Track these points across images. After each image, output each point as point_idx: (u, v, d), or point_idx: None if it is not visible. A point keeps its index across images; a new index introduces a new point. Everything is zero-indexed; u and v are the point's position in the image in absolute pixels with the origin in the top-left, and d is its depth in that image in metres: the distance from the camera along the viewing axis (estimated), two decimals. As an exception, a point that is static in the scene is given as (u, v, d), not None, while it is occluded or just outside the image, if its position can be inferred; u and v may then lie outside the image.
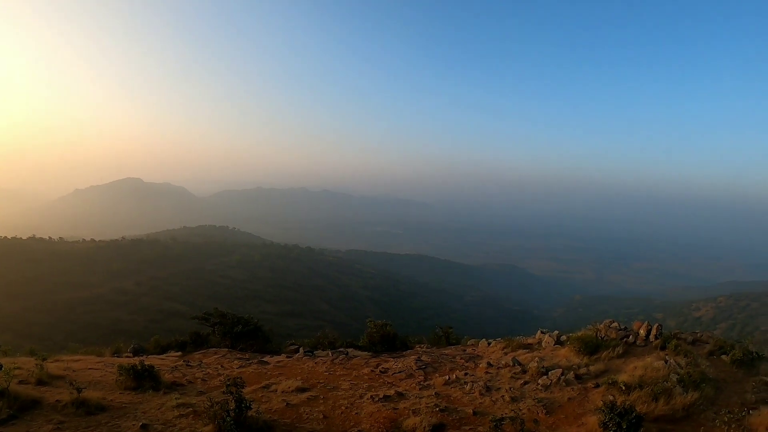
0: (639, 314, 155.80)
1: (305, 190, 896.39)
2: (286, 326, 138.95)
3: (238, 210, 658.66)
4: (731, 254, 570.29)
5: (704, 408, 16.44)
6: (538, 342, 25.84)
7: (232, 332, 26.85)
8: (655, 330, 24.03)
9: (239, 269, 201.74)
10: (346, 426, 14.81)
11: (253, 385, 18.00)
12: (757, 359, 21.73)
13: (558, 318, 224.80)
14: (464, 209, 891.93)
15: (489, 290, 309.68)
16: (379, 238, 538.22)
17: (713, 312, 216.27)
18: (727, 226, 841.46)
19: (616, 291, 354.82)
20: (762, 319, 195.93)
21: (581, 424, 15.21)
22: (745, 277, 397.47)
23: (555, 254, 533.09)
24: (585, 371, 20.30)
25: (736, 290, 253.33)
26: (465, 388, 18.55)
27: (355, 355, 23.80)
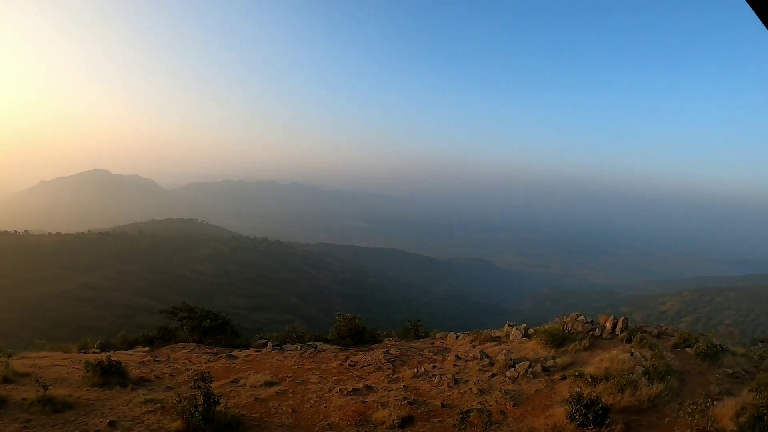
0: (606, 308, 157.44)
1: (275, 183, 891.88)
2: (255, 320, 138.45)
3: (207, 203, 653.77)
4: (697, 250, 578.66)
5: (669, 399, 16.68)
6: (506, 335, 26.01)
7: (201, 326, 26.54)
8: (621, 323, 24.29)
9: (208, 263, 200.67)
10: (314, 420, 14.77)
11: (221, 380, 17.90)
12: (721, 352, 22.09)
13: (526, 311, 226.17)
14: (433, 204, 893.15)
15: (458, 284, 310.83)
16: (349, 232, 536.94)
17: (679, 306, 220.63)
18: (693, 222, 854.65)
19: (583, 285, 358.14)
20: (726, 313, 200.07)
21: (548, 415, 15.33)
22: (710, 272, 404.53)
23: (523, 248, 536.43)
24: (552, 364, 20.48)
25: (701, 285, 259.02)
26: (433, 381, 18.63)
27: (323, 349, 23.74)
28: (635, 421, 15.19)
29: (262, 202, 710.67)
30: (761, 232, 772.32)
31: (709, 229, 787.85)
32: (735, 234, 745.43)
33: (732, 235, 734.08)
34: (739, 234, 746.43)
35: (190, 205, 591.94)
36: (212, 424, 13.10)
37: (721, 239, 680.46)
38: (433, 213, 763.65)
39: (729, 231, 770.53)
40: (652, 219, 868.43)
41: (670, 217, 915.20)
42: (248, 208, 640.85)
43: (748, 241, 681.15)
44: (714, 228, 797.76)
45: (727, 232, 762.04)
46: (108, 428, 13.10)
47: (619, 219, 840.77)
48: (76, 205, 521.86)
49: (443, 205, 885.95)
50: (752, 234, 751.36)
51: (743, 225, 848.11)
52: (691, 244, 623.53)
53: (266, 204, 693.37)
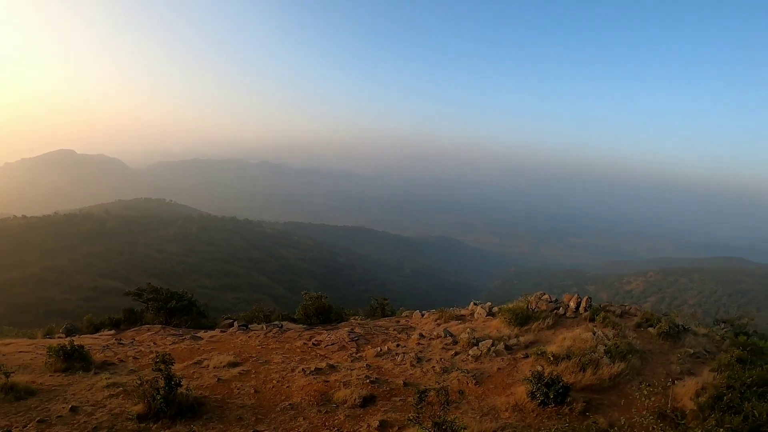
0: (572, 287, 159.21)
1: (244, 162, 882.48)
2: (224, 300, 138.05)
3: (175, 182, 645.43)
4: (663, 232, 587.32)
5: (631, 378, 16.83)
6: (471, 313, 26.08)
7: (166, 308, 26.33)
8: (585, 302, 24.42)
9: (176, 243, 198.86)
10: (277, 400, 14.72)
11: (185, 362, 17.78)
12: (683, 332, 22.32)
13: (494, 290, 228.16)
14: (403, 182, 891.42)
15: (427, 263, 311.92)
16: (318, 210, 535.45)
17: (643, 286, 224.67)
18: (659, 206, 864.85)
19: (550, 264, 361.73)
20: (690, 294, 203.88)
21: (510, 393, 15.40)
22: (675, 254, 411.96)
23: (493, 228, 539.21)
24: (515, 342, 20.56)
25: (666, 266, 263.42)
26: (396, 360, 18.65)
27: (288, 328, 23.66)
28: (596, 400, 15.30)
29: (231, 180, 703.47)
30: (726, 216, 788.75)
31: (676, 212, 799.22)
32: (701, 217, 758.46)
33: (698, 218, 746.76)
34: (705, 218, 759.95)
35: (158, 184, 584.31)
36: (174, 406, 13.01)
37: (687, 222, 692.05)
38: (405, 192, 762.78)
39: (695, 214, 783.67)
40: (620, 202, 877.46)
41: (637, 200, 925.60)
42: (217, 186, 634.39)
43: (713, 224, 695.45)
44: (680, 211, 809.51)
45: (693, 215, 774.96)
46: (70, 414, 12.94)
47: (587, 201, 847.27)
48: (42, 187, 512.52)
49: (415, 184, 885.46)
50: (718, 218, 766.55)
51: (709, 209, 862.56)
52: (657, 226, 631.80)
53: (235, 182, 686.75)
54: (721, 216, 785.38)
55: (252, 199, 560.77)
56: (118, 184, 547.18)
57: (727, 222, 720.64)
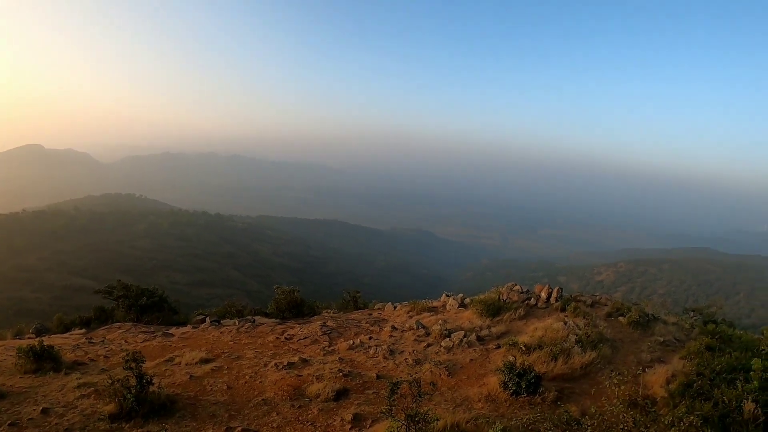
0: (544, 278, 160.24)
1: (215, 155, 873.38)
2: (197, 296, 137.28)
3: (146, 176, 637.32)
4: (633, 224, 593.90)
5: (602, 367, 17.00)
6: (443, 305, 26.17)
7: (137, 305, 25.95)
8: (556, 293, 24.62)
9: (147, 239, 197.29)
10: (250, 395, 14.65)
11: (156, 359, 17.58)
12: (653, 320, 22.60)
13: (466, 281, 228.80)
14: (377, 176, 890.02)
15: (400, 255, 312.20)
16: (291, 204, 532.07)
17: (614, 276, 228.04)
18: (629, 197, 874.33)
19: (522, 256, 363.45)
20: (659, 283, 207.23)
21: (482, 384, 15.48)
22: (645, 244, 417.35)
23: (466, 221, 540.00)
24: (487, 333, 20.67)
25: (636, 257, 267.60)
26: (369, 352, 18.65)
27: (261, 323, 23.51)
28: (568, 389, 15.43)
29: (202, 174, 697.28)
30: (695, 208, 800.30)
31: (646, 204, 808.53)
32: (671, 210, 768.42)
33: (668, 210, 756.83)
34: (675, 210, 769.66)
35: (128, 179, 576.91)
36: (146, 405, 12.89)
37: (657, 214, 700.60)
38: (378, 185, 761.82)
39: (665, 207, 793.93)
40: (591, 194, 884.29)
41: (608, 192, 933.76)
42: (188, 180, 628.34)
43: (683, 216, 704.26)
44: (650, 204, 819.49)
45: (664, 207, 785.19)
46: (41, 416, 12.73)
47: (559, 193, 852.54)
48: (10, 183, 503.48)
49: (388, 177, 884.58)
50: (687, 210, 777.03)
51: (679, 201, 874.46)
52: (628, 218, 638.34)
53: (206, 176, 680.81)
54: (691, 208, 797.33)
55: (224, 193, 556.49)
56: (88, 179, 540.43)
57: (696, 214, 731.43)
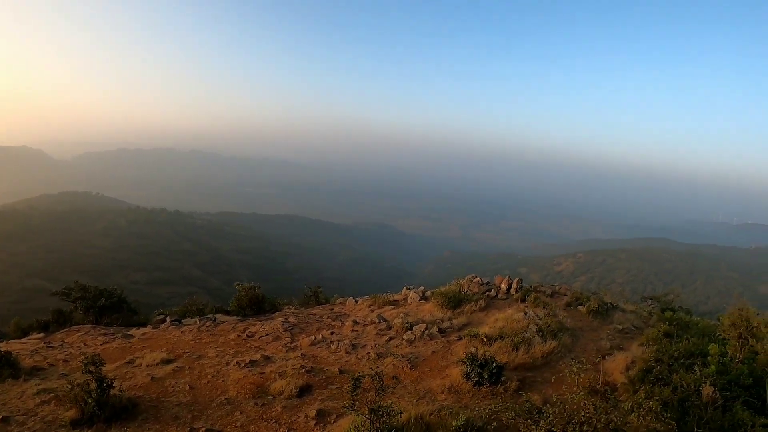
0: (505, 269, 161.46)
1: (173, 151, 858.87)
2: (157, 295, 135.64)
3: (102, 173, 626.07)
4: (591, 215, 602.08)
5: (562, 355, 17.26)
6: (404, 298, 26.29)
7: (96, 306, 25.43)
8: (516, 284, 24.90)
9: (105, 238, 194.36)
10: (212, 395, 14.57)
11: (117, 362, 17.35)
12: (612, 309, 23.01)
13: (428, 274, 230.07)
14: (337, 170, 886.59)
15: (362, 249, 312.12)
16: (250, 199, 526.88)
17: (573, 267, 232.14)
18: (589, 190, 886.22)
19: (484, 248, 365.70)
20: (618, 273, 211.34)
21: (445, 376, 15.58)
22: (603, 235, 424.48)
23: (427, 214, 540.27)
24: (448, 325, 20.81)
25: (595, 247, 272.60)
26: (331, 348, 18.66)
27: (222, 321, 23.34)
28: (530, 378, 15.63)
29: (161, 170, 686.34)
30: (651, 199, 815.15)
31: (605, 196, 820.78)
32: (629, 201, 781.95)
33: (626, 201, 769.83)
34: (633, 201, 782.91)
35: (85, 176, 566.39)
36: (108, 409, 12.73)
37: (615, 205, 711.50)
38: (339, 179, 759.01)
39: (623, 198, 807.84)
40: (550, 185, 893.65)
41: (567, 184, 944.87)
42: (146, 177, 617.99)
43: (639, 207, 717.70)
44: (609, 195, 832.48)
45: (622, 199, 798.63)
46: (1, 425, 12.53)
47: (518, 185, 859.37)
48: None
49: (348, 171, 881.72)
50: (642, 200, 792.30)
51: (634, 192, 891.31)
52: (587, 209, 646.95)
53: (165, 172, 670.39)
54: (647, 199, 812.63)
55: (183, 190, 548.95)
56: (43, 177, 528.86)
57: (652, 205, 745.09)
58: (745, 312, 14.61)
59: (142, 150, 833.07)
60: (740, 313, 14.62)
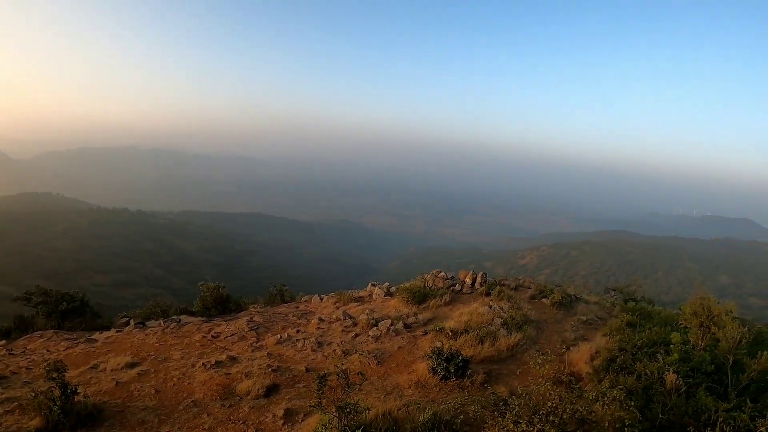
0: (470, 264, 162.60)
1: (135, 149, 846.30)
2: (120, 297, 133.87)
3: (64, 173, 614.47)
4: (556, 209, 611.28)
5: (528, 347, 17.44)
6: (369, 294, 26.37)
7: (58, 311, 24.99)
8: (480, 278, 25.07)
9: (66, 239, 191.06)
10: (179, 398, 14.44)
11: (81, 367, 17.04)
12: (575, 301, 23.31)
13: (393, 270, 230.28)
14: (300, 166, 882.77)
15: (327, 246, 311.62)
16: (214, 198, 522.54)
17: (537, 260, 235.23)
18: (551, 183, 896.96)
19: (448, 243, 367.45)
20: (581, 265, 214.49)
21: (412, 371, 15.65)
22: (567, 229, 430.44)
23: (391, 209, 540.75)
24: (414, 320, 20.92)
25: (559, 240, 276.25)
26: (297, 346, 18.60)
27: (187, 322, 23.05)
28: (496, 371, 15.78)
29: (122, 169, 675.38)
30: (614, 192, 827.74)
31: (568, 190, 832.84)
32: (592, 195, 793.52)
33: (589, 195, 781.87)
34: (596, 195, 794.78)
35: (45, 176, 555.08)
36: (72, 416, 12.55)
37: (578, 199, 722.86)
38: (302, 176, 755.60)
39: (586, 192, 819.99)
40: (513, 180, 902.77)
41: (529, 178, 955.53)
42: (108, 176, 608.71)
43: (601, 200, 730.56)
44: (572, 189, 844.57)
45: (585, 193, 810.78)
46: (-35, 438, 12.31)
47: (482, 180, 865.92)
48: None
49: (311, 167, 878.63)
50: (604, 194, 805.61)
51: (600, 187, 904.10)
52: (551, 203, 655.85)
53: (126, 171, 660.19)
54: (609, 193, 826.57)
55: (145, 189, 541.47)
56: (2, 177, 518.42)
57: (614, 198, 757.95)
58: (706, 301, 14.88)
59: (104, 149, 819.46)
60: (701, 302, 14.88)
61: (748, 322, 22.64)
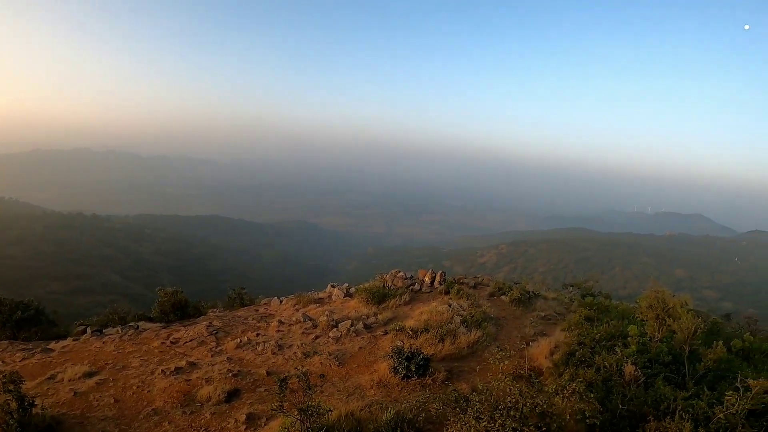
0: (429, 263, 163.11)
1: (89, 151, 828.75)
2: (77, 305, 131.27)
3: (15, 177, 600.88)
4: (512, 208, 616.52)
5: (487, 344, 17.63)
6: (329, 296, 26.38)
7: (12, 320, 24.38)
8: (439, 277, 25.24)
9: (19, 246, 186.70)
10: (139, 407, 14.26)
11: (37, 378, 16.67)
12: (534, 297, 23.63)
13: (353, 271, 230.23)
14: (256, 168, 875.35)
15: (285, 248, 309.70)
16: (170, 200, 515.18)
17: (496, 258, 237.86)
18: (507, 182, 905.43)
19: (407, 242, 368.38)
20: (539, 262, 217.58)
21: (373, 371, 15.70)
22: (525, 227, 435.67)
23: (348, 210, 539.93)
24: (374, 320, 21.00)
25: (517, 239, 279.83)
26: (257, 349, 18.52)
27: (145, 328, 22.73)
28: (457, 368, 15.92)
29: (76, 172, 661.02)
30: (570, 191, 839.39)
31: (522, 188, 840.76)
32: (548, 193, 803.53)
33: (545, 194, 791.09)
34: (549, 193, 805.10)
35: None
36: (30, 429, 12.34)
37: (535, 198, 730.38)
38: (257, 177, 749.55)
39: (543, 190, 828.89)
40: (471, 179, 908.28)
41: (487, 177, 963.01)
42: (62, 179, 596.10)
43: (557, 199, 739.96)
44: (526, 187, 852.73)
45: (539, 191, 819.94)
46: None
47: (439, 179, 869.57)
48: None
49: (266, 168, 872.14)
50: (562, 193, 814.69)
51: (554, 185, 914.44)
52: (508, 202, 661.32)
53: (80, 174, 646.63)
54: (565, 191, 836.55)
55: (99, 192, 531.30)
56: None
57: (570, 196, 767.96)
58: (661, 294, 15.18)
59: (57, 151, 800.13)
60: (656, 296, 15.17)
61: (703, 313, 23.22)
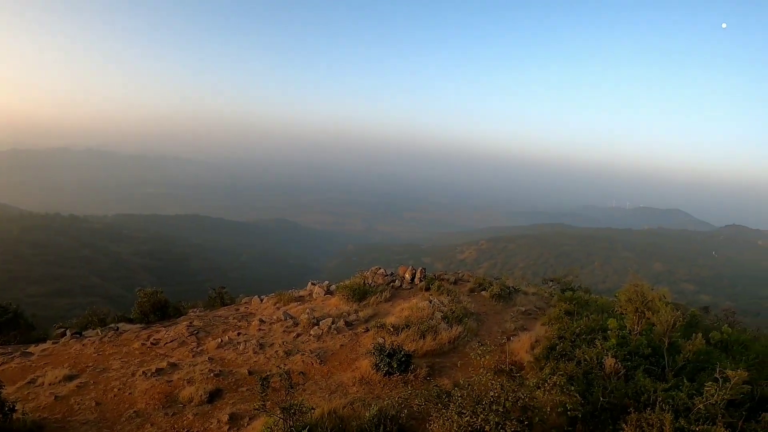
0: (409, 260, 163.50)
1: (67, 150, 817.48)
2: (56, 308, 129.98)
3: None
4: (491, 204, 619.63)
5: (469, 339, 17.71)
6: (310, 294, 26.38)
7: (-11, 324, 24.47)
8: (420, 273, 25.31)
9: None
10: (120, 409, 14.16)
11: (17, 382, 16.48)
12: (514, 292, 23.79)
13: (333, 269, 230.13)
14: (234, 166, 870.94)
15: (266, 247, 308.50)
16: (149, 200, 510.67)
17: (476, 254, 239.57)
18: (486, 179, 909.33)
19: (387, 240, 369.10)
20: (519, 258, 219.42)
21: (355, 368, 15.72)
22: (504, 223, 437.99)
23: (328, 208, 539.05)
24: (355, 317, 21.02)
25: (497, 235, 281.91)
26: (239, 349, 18.46)
27: (125, 330, 22.59)
28: (438, 364, 15.97)
29: (54, 172, 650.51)
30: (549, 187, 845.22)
31: (501, 185, 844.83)
32: (526, 189, 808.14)
33: (524, 190, 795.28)
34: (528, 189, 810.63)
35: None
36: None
37: (514, 194, 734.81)
38: (236, 175, 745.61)
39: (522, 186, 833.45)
40: (450, 176, 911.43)
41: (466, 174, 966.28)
42: (39, 179, 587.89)
43: (536, 194, 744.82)
44: (505, 184, 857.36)
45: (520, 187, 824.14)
46: None
47: (418, 177, 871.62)
48: None
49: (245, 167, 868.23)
50: (541, 189, 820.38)
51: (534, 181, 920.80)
52: (487, 198, 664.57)
53: (58, 174, 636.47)
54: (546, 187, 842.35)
55: (77, 192, 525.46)
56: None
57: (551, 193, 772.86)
58: (640, 287, 15.31)
59: (34, 150, 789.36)
60: (635, 289, 15.30)
61: (682, 306, 23.47)
